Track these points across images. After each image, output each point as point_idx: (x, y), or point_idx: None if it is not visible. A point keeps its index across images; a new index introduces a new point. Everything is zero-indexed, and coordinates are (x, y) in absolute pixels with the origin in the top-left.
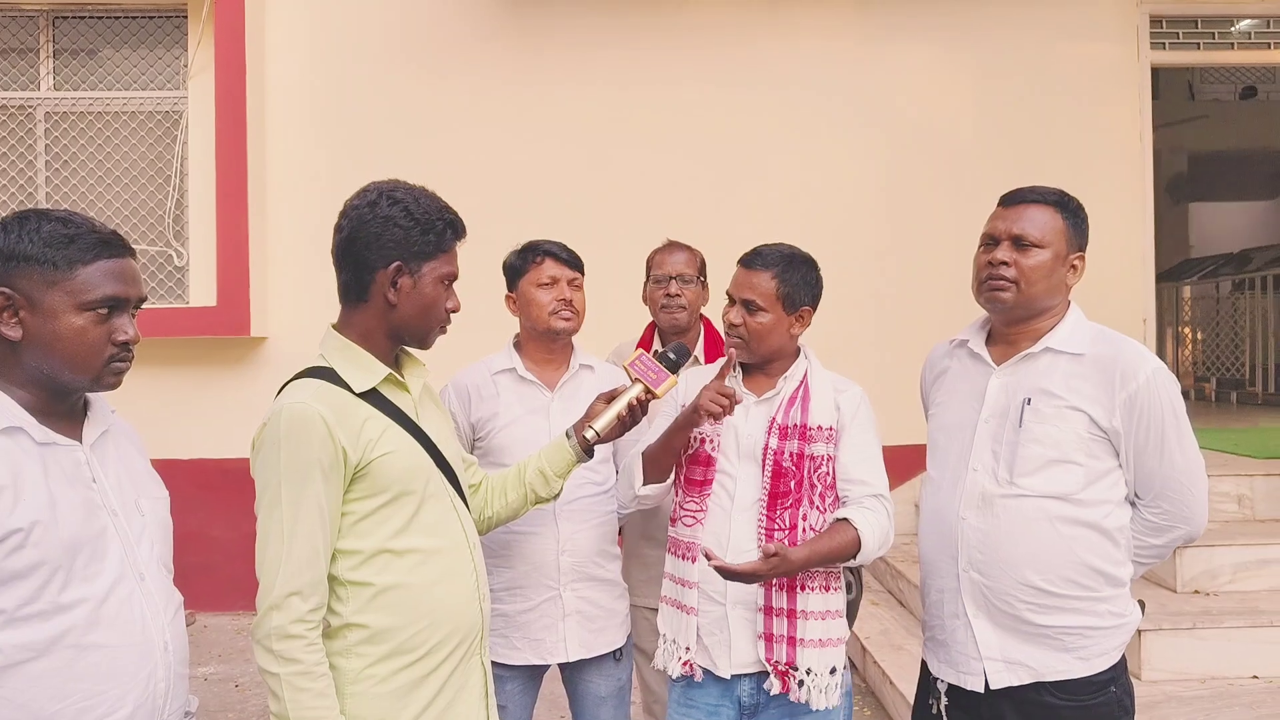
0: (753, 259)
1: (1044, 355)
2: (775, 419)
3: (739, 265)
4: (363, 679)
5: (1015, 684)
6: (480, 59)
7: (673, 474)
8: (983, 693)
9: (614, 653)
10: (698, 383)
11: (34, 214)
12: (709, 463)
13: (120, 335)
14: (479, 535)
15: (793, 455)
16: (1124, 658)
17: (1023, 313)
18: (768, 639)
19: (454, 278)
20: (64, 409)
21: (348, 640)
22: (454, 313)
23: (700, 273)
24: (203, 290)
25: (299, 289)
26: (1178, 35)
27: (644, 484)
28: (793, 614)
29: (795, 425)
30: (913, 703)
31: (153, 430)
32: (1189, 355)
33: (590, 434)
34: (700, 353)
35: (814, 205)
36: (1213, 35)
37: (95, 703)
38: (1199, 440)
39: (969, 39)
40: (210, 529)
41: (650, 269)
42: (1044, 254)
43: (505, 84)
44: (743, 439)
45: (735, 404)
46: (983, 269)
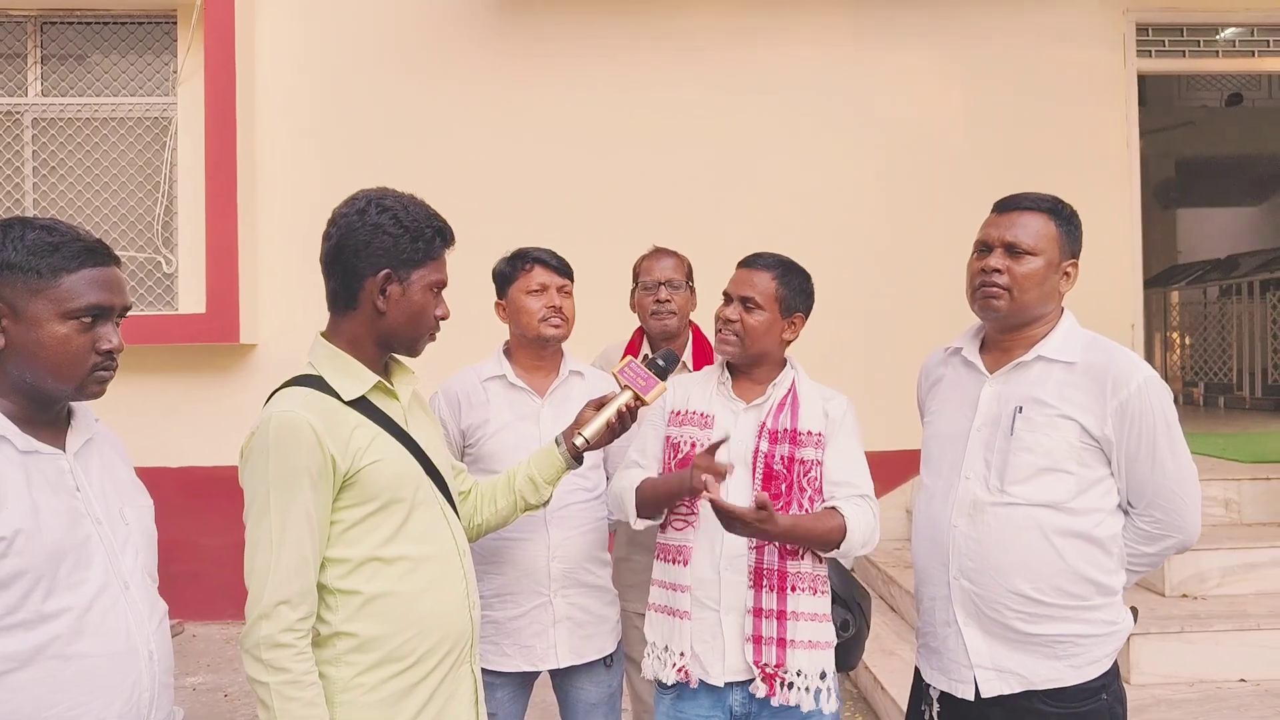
0: (754, 260)
1: (1036, 364)
2: (765, 424)
3: (739, 267)
4: (352, 687)
5: (1006, 692)
6: (472, 63)
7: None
8: (974, 701)
9: (604, 659)
10: (685, 389)
11: (18, 222)
12: None
13: (104, 344)
14: (469, 542)
15: (783, 459)
16: (1116, 664)
17: (1016, 320)
18: (756, 641)
19: (443, 285)
20: (47, 417)
21: (337, 649)
22: (443, 320)
23: (688, 278)
24: (192, 297)
25: (288, 296)
26: (1164, 43)
27: (638, 518)
28: (782, 615)
29: (785, 430)
30: (905, 709)
31: (142, 437)
32: (1177, 360)
33: (580, 441)
34: (689, 359)
35: (808, 208)
36: (1198, 43)
37: (80, 713)
38: (1187, 445)
39: (960, 44)
40: (199, 537)
41: (638, 276)
42: (1037, 261)
43: (498, 88)
44: (733, 444)
45: (725, 477)
46: (976, 276)
